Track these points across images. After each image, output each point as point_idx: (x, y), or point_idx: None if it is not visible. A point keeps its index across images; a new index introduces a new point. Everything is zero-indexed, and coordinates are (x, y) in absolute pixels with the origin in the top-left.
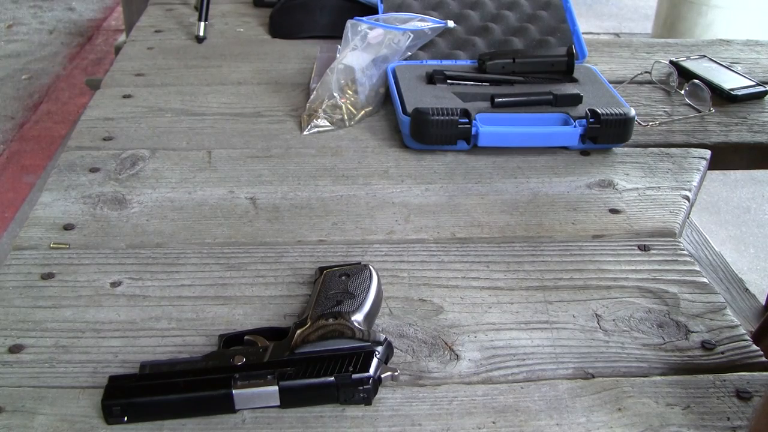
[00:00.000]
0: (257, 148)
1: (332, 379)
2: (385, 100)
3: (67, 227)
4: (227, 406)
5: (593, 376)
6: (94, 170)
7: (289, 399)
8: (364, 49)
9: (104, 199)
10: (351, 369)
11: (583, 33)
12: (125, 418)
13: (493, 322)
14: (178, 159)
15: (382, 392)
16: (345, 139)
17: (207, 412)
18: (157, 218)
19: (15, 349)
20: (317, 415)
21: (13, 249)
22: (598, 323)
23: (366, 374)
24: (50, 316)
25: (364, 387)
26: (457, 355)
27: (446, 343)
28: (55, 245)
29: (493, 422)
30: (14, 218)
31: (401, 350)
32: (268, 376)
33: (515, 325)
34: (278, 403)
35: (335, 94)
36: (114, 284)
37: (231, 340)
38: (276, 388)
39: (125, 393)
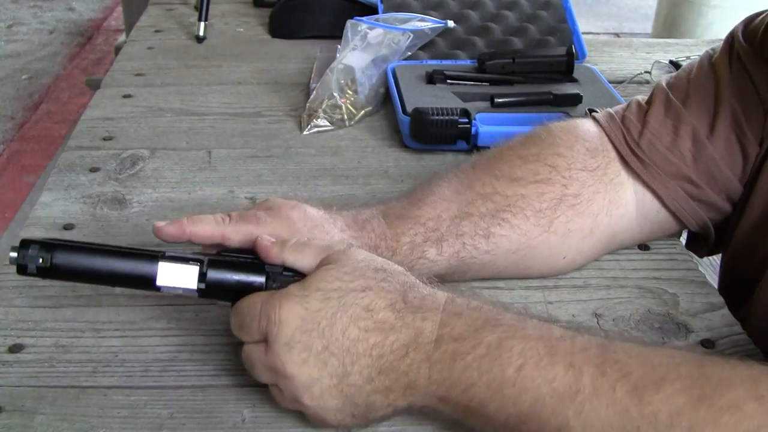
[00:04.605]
0: (257, 148)
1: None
2: (385, 100)
3: (67, 227)
4: (148, 280)
5: None
6: (94, 170)
7: (213, 286)
8: (364, 49)
9: (104, 199)
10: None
11: (583, 33)
12: (39, 262)
13: None
14: (178, 159)
15: None
16: (345, 138)
17: (128, 283)
18: (157, 218)
19: (15, 348)
20: None
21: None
22: (598, 323)
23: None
24: (50, 315)
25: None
26: None
27: None
28: None
29: None
30: (14, 218)
31: None
32: (196, 261)
33: None
34: (197, 287)
35: (335, 94)
36: None
37: None
38: (197, 267)
39: (46, 243)
